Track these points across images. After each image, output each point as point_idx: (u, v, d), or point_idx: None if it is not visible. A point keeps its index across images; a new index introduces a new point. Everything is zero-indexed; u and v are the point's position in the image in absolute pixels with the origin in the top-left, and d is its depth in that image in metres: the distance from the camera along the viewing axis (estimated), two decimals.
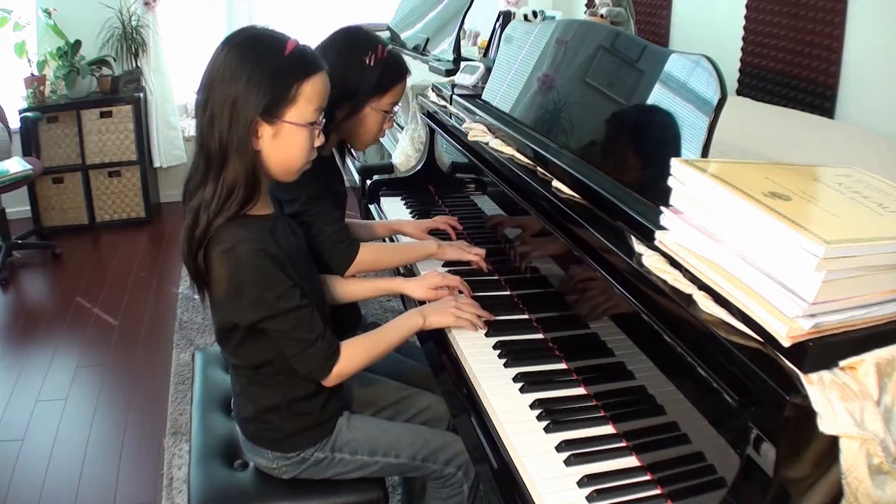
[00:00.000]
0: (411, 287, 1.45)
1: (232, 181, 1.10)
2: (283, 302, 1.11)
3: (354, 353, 1.22)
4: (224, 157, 1.09)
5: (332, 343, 1.19)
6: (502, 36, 1.83)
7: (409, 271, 1.71)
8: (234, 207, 1.10)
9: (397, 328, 1.30)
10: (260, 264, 1.10)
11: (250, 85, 1.07)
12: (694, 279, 0.87)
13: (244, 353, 1.20)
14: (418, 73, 2.45)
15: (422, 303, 1.47)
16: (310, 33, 1.62)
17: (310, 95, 1.12)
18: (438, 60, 2.52)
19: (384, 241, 1.79)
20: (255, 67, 1.08)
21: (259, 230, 1.13)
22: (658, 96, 1.19)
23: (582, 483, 0.99)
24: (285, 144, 1.13)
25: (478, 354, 1.31)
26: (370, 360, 1.25)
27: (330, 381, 1.21)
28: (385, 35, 3.21)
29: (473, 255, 1.59)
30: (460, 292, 1.44)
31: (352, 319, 1.66)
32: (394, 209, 2.09)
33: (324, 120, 1.17)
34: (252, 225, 1.12)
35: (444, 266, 1.68)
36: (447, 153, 2.02)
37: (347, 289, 1.47)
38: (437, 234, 1.75)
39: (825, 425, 0.71)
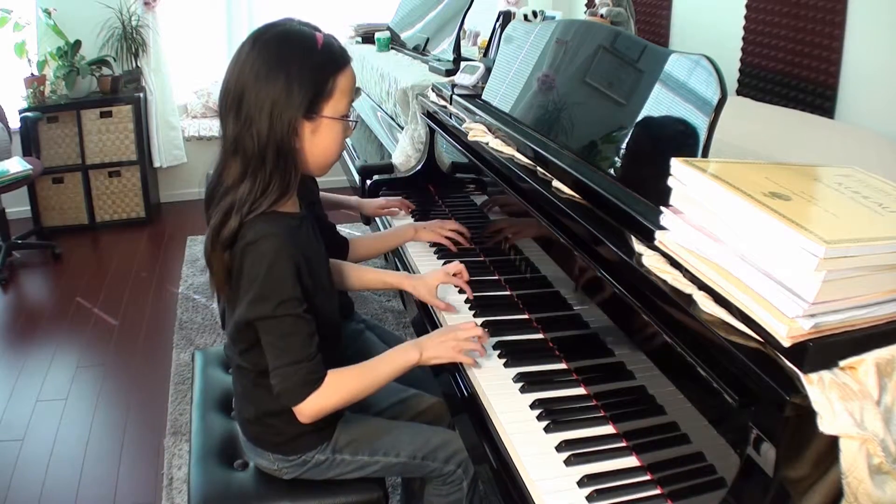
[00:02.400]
0: (414, 286, 1.47)
1: (268, 179, 1.09)
2: (282, 308, 1.08)
3: (339, 386, 1.14)
4: (262, 157, 1.08)
5: (317, 370, 1.12)
6: (502, 36, 1.83)
7: (405, 264, 1.71)
8: (266, 204, 1.09)
9: (390, 362, 1.21)
10: (277, 263, 1.08)
11: (290, 84, 1.07)
12: (694, 279, 0.87)
13: (253, 355, 1.18)
14: (418, 73, 2.45)
15: (422, 303, 1.48)
16: None
17: (344, 88, 1.13)
18: (438, 60, 2.52)
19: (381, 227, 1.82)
20: (292, 66, 1.07)
21: (285, 227, 1.11)
22: (658, 96, 1.19)
23: (582, 483, 0.99)
24: (323, 139, 1.14)
25: (478, 355, 1.31)
26: (356, 396, 1.18)
27: (304, 410, 1.12)
28: (385, 35, 3.21)
29: (447, 233, 1.67)
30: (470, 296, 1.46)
31: (343, 312, 1.66)
32: None
33: (358, 115, 1.16)
34: (279, 221, 1.11)
35: (434, 252, 1.70)
36: (447, 153, 2.02)
37: (352, 276, 1.47)
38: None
39: (825, 425, 0.71)
